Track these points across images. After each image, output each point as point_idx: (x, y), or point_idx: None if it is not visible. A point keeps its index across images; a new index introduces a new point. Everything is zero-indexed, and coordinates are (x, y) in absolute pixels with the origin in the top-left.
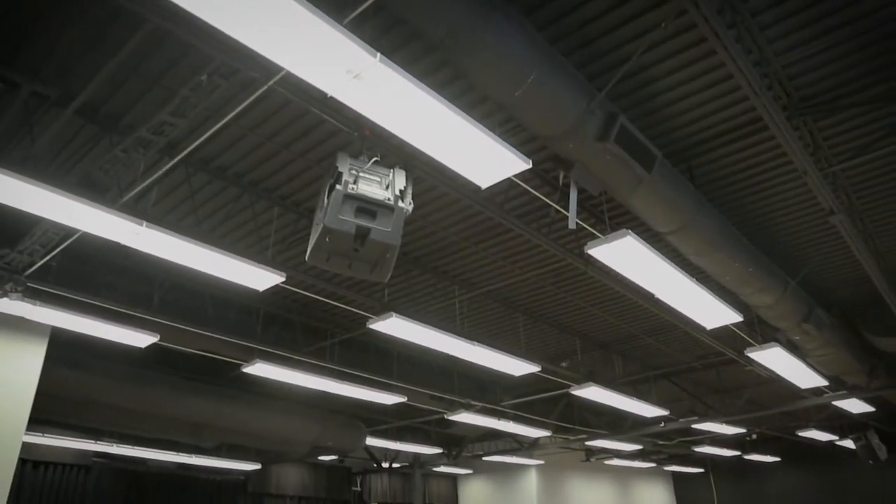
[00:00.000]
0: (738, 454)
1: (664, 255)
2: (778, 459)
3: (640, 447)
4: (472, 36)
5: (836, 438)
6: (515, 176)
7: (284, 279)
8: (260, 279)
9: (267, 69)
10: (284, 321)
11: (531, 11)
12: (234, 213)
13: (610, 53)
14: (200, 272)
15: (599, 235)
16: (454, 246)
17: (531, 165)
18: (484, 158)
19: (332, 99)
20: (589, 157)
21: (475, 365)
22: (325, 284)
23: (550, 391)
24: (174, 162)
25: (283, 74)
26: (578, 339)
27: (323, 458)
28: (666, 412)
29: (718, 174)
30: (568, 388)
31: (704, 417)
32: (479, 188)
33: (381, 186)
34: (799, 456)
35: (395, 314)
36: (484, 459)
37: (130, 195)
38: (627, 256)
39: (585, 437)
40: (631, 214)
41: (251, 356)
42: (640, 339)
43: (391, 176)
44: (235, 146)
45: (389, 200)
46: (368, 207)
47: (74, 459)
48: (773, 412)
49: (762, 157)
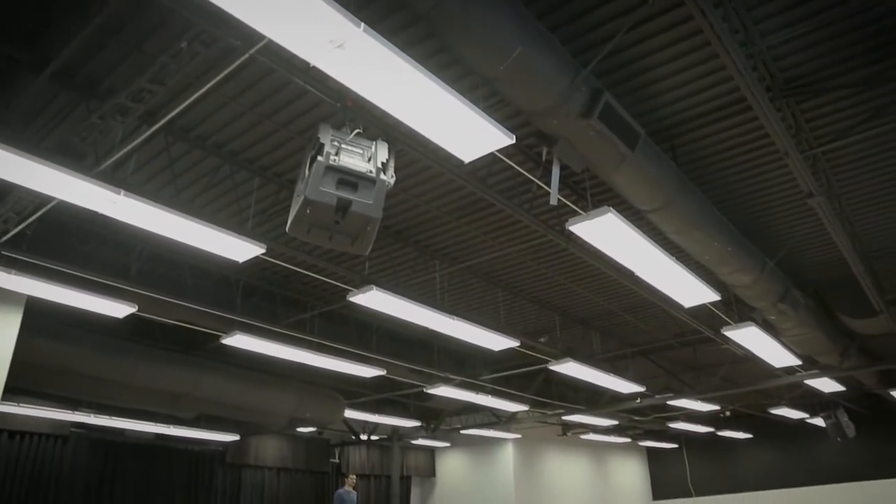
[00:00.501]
0: (711, 430)
1: (645, 233)
2: (750, 436)
3: (615, 422)
4: (458, 8)
5: (806, 416)
6: (499, 151)
7: (264, 251)
8: (240, 250)
9: (248, 37)
10: (264, 293)
11: None
12: (213, 183)
13: (596, 29)
14: (179, 243)
15: (581, 212)
16: (436, 220)
17: (514, 141)
18: (467, 132)
19: (314, 69)
20: (572, 133)
21: (455, 339)
22: (305, 256)
23: (529, 366)
24: (153, 130)
25: (264, 43)
26: (558, 314)
27: (302, 429)
28: (642, 388)
29: (700, 154)
30: (546, 363)
31: (680, 394)
32: (461, 162)
33: (363, 159)
34: (770, 433)
35: (375, 287)
36: (462, 433)
37: (108, 163)
38: (608, 233)
39: (562, 411)
40: (613, 192)
41: (230, 328)
42: (618, 316)
43: (373, 148)
44: (215, 115)
45: (371, 173)
46: (350, 179)
47: (51, 429)
48: (746, 390)
49: (744, 137)
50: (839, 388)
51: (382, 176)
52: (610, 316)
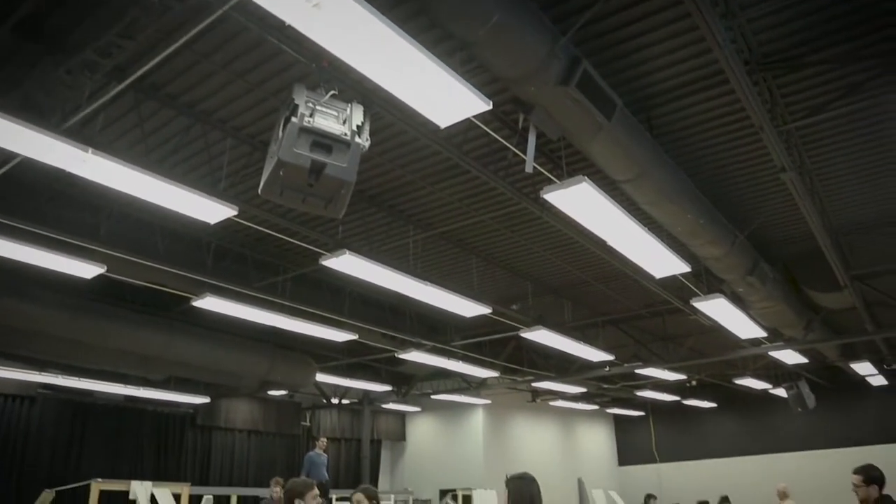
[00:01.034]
0: (677, 399)
1: (619, 203)
2: (714, 405)
3: (584, 390)
4: None
5: (769, 387)
6: (475, 117)
7: (237, 213)
8: (211, 212)
9: None
10: (236, 255)
11: None
12: (185, 143)
13: None
14: (150, 203)
15: (556, 181)
16: (410, 185)
17: (491, 107)
18: (444, 97)
19: (290, 28)
20: (550, 101)
21: (427, 305)
22: (278, 219)
23: (500, 333)
24: (122, 87)
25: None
26: (530, 283)
27: (273, 393)
28: (611, 357)
29: (676, 126)
30: (518, 330)
31: (648, 363)
32: (437, 127)
33: (338, 121)
34: (734, 402)
35: (348, 252)
36: (433, 398)
37: (75, 120)
38: (582, 203)
39: (532, 378)
40: (588, 161)
41: (201, 290)
42: (590, 285)
43: (349, 111)
44: (187, 73)
45: (346, 136)
46: (324, 142)
47: (18, 390)
48: (712, 360)
49: (720, 110)
50: (802, 359)
51: (357, 139)
52: (582, 285)
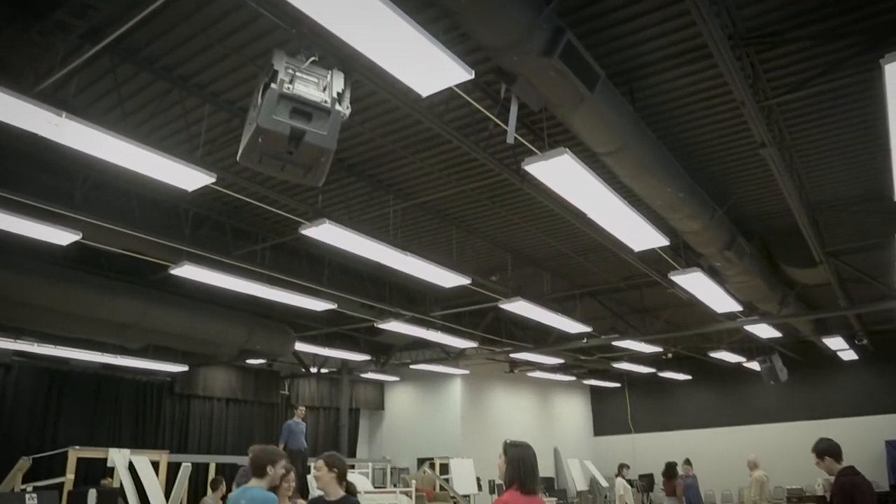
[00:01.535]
0: (653, 371)
1: (599, 175)
2: (689, 378)
3: (561, 361)
4: None
5: (743, 360)
6: (457, 87)
7: (215, 180)
8: (189, 179)
9: None
10: (214, 223)
11: None
12: (162, 108)
13: None
14: (126, 169)
15: (537, 152)
16: (391, 154)
17: (473, 76)
18: (426, 66)
19: None
20: (532, 71)
21: (406, 275)
22: (257, 187)
23: (479, 304)
24: (97, 49)
25: None
26: (510, 254)
27: (251, 361)
28: (589, 329)
29: (658, 99)
30: (496, 301)
31: (625, 335)
32: (419, 97)
33: (318, 88)
34: (708, 375)
35: (328, 221)
36: (411, 367)
37: (48, 83)
38: (563, 175)
39: (510, 349)
40: (569, 133)
41: (179, 258)
42: (569, 257)
43: (329, 78)
44: (165, 37)
45: (326, 103)
46: (304, 109)
47: None
48: (688, 333)
49: (703, 84)
50: (776, 334)
51: (337, 107)
52: (561, 257)
